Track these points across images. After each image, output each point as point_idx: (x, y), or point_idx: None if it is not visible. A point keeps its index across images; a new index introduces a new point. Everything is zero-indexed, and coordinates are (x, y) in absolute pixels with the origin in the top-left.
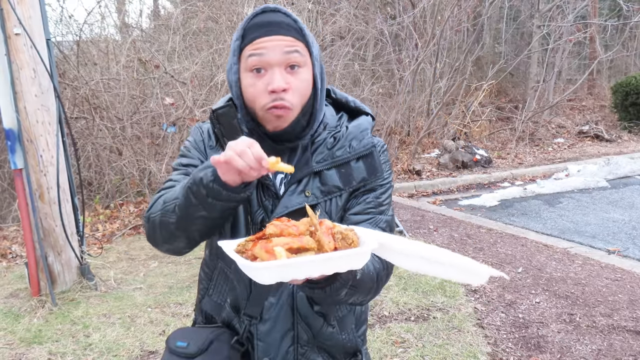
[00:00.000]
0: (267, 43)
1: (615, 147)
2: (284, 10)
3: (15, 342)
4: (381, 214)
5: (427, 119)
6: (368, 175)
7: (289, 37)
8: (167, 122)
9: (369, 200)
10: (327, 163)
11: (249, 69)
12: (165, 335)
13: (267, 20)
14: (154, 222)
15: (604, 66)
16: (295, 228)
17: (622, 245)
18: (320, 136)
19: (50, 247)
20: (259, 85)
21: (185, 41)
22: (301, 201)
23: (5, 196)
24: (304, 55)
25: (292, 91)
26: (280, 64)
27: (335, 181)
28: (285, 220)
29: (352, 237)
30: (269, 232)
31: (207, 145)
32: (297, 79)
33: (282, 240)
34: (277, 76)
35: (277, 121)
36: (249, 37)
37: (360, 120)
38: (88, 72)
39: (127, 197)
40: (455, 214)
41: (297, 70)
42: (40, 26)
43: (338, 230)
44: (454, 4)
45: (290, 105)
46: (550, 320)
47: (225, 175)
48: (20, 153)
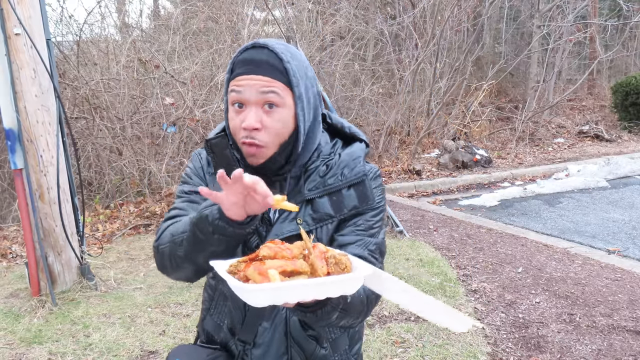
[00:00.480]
0: (245, 81)
1: (615, 147)
2: (273, 46)
3: (15, 342)
4: (371, 237)
5: (427, 119)
6: (359, 203)
7: (267, 78)
8: (167, 122)
9: (359, 223)
10: (319, 191)
11: (231, 102)
12: (166, 335)
13: (250, 57)
14: (163, 253)
15: (604, 66)
16: (289, 251)
17: (622, 245)
18: (313, 164)
19: (50, 247)
20: (236, 120)
21: (185, 41)
22: (293, 229)
23: (5, 196)
24: (282, 95)
25: (265, 130)
26: (257, 102)
27: (326, 209)
28: (279, 242)
29: (346, 262)
30: (263, 254)
31: (207, 171)
32: (272, 119)
33: (276, 263)
34: (250, 114)
35: (250, 157)
36: (234, 73)
37: (353, 148)
38: (88, 72)
39: (127, 197)
40: (455, 214)
41: (274, 109)
42: (40, 26)
43: (332, 255)
44: (454, 4)
45: (263, 144)
46: (550, 320)
47: (229, 211)
48: (20, 153)
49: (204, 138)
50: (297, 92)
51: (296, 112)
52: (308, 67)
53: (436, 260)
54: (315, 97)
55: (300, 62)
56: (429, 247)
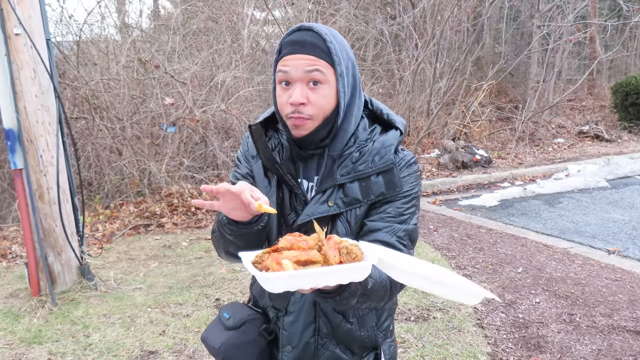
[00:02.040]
0: (291, 61)
1: (615, 147)
2: (317, 28)
3: (15, 342)
4: (401, 224)
5: (427, 119)
6: (386, 190)
7: (312, 56)
8: (167, 122)
9: (389, 210)
10: (350, 177)
11: (278, 81)
12: (166, 335)
13: (296, 39)
14: (214, 239)
15: (604, 66)
16: (304, 242)
17: (622, 245)
18: (349, 149)
19: (50, 247)
20: (284, 97)
21: (185, 41)
22: (324, 210)
23: (5, 196)
24: (325, 73)
25: (310, 105)
26: (302, 80)
27: (356, 194)
28: (297, 235)
29: (356, 252)
30: (281, 245)
31: (250, 155)
32: (316, 94)
33: (291, 253)
34: (297, 91)
35: (296, 129)
36: (282, 54)
37: (387, 136)
38: (88, 72)
39: (127, 197)
40: (455, 214)
41: (318, 86)
42: (40, 26)
43: (344, 245)
44: (454, 4)
45: (308, 117)
46: (550, 320)
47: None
48: (20, 153)
49: (204, 138)
50: (338, 70)
51: (337, 88)
52: (349, 50)
53: (436, 260)
54: (355, 78)
55: (342, 44)
56: (429, 247)
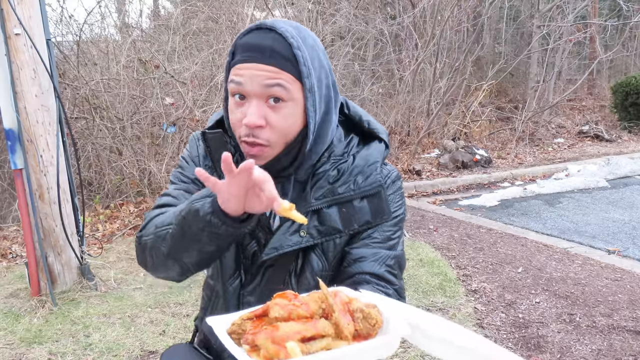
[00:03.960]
0: (246, 71)
1: (615, 147)
2: (281, 29)
3: (15, 342)
4: (389, 249)
5: (427, 119)
6: (373, 217)
7: (272, 67)
8: (167, 122)
9: (375, 235)
10: (327, 200)
11: (231, 93)
12: (166, 335)
13: (254, 42)
14: (145, 245)
15: (604, 66)
16: (305, 307)
17: (622, 245)
18: (322, 167)
19: (50, 247)
20: (237, 114)
21: (185, 41)
22: (295, 242)
23: (5, 196)
24: (289, 89)
25: (269, 128)
26: (260, 96)
27: (335, 222)
28: (291, 295)
29: (376, 317)
30: (275, 315)
31: (203, 163)
32: (277, 115)
33: (293, 328)
34: (252, 110)
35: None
36: (235, 59)
37: (370, 150)
38: (88, 72)
39: (127, 197)
40: (455, 214)
41: (280, 104)
42: (40, 26)
43: (358, 307)
44: (454, 4)
45: (266, 143)
46: (550, 320)
47: (226, 203)
48: (20, 153)
49: None
50: (307, 84)
51: (306, 106)
52: (322, 53)
53: (436, 261)
54: (330, 88)
55: (313, 47)
56: (429, 247)
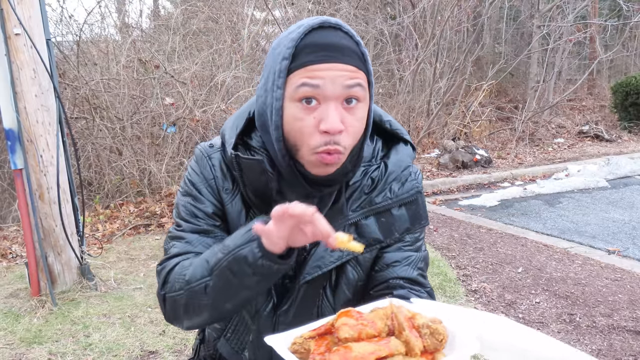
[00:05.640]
0: (325, 72)
1: (615, 147)
2: (345, 27)
3: (15, 342)
4: (418, 251)
5: (427, 119)
6: (411, 224)
7: (352, 67)
8: (167, 122)
9: (407, 239)
10: (365, 211)
11: (297, 98)
12: (166, 335)
13: (327, 41)
14: (177, 303)
15: (604, 66)
16: (372, 326)
17: (622, 245)
18: (354, 176)
19: (50, 247)
20: (309, 121)
21: (185, 41)
22: (337, 258)
23: (5, 196)
24: (365, 88)
25: (346, 132)
26: (338, 98)
27: (374, 233)
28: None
29: (442, 332)
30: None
31: (222, 187)
32: (353, 117)
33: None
34: (332, 114)
35: (324, 168)
36: (302, 60)
37: (399, 154)
38: (88, 72)
39: (127, 197)
40: (455, 214)
41: (354, 105)
42: (40, 26)
43: (424, 323)
44: (454, 4)
45: (343, 150)
46: (550, 320)
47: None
48: (20, 153)
49: (204, 138)
50: (373, 82)
51: (370, 106)
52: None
53: (436, 260)
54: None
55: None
56: (429, 247)
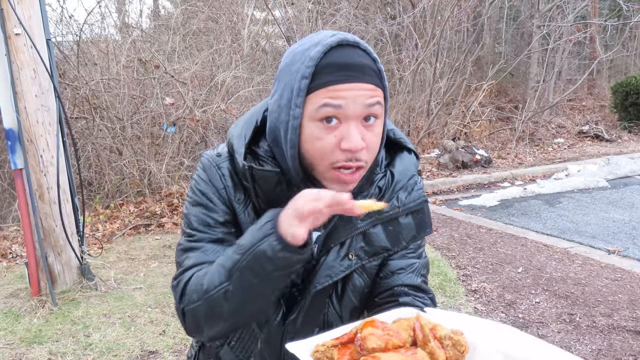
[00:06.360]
0: (347, 92)
1: (615, 147)
2: (363, 45)
3: (15, 342)
4: (419, 258)
5: (427, 119)
6: (417, 231)
7: (372, 85)
8: (167, 122)
9: (410, 246)
10: (373, 220)
11: (318, 118)
12: (166, 335)
13: (348, 61)
14: (197, 314)
15: (604, 66)
16: (397, 336)
17: (622, 245)
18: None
19: (50, 247)
20: (329, 140)
21: (185, 41)
22: (347, 266)
23: (5, 196)
24: (382, 106)
25: (367, 150)
26: (359, 117)
27: (382, 241)
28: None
29: (464, 343)
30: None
31: (234, 197)
32: (372, 134)
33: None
34: (354, 132)
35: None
36: (323, 80)
37: (405, 164)
38: (88, 72)
39: (127, 197)
40: (455, 214)
41: (373, 123)
42: (40, 26)
43: (446, 335)
44: (454, 4)
45: (365, 165)
46: (550, 320)
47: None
48: (20, 153)
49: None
50: (388, 98)
51: (384, 122)
52: None
53: (436, 260)
54: None
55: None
56: (429, 247)
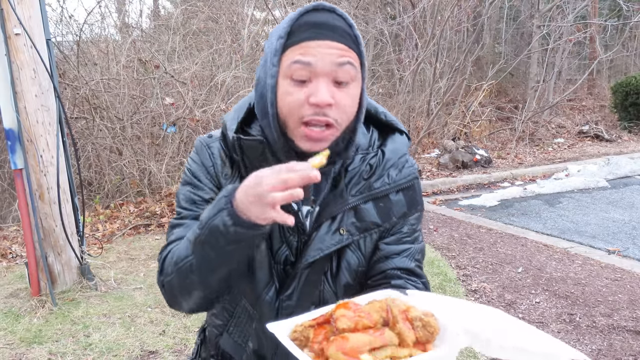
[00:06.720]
0: (317, 49)
1: (615, 147)
2: (339, 11)
3: (15, 342)
4: (414, 243)
5: (427, 119)
6: (408, 208)
7: (343, 45)
8: (167, 122)
9: (404, 230)
10: (364, 196)
11: (289, 75)
12: (166, 335)
13: (321, 20)
14: (172, 287)
15: (604, 66)
16: (368, 317)
17: (622, 245)
18: (353, 162)
19: (50, 247)
20: (299, 95)
21: (185, 41)
22: (337, 241)
23: (5, 196)
24: (356, 68)
25: (337, 108)
26: (328, 75)
27: (372, 217)
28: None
29: (434, 325)
30: (342, 326)
31: (222, 173)
32: (344, 94)
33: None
34: (322, 88)
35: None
36: (297, 38)
37: (396, 143)
38: (88, 72)
39: (127, 197)
40: (455, 214)
41: (345, 85)
42: (40, 26)
43: (416, 316)
44: (454, 4)
45: (334, 122)
46: (550, 320)
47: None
48: (20, 153)
49: None
50: (365, 65)
51: (362, 88)
52: None
53: (436, 260)
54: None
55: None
56: (429, 247)
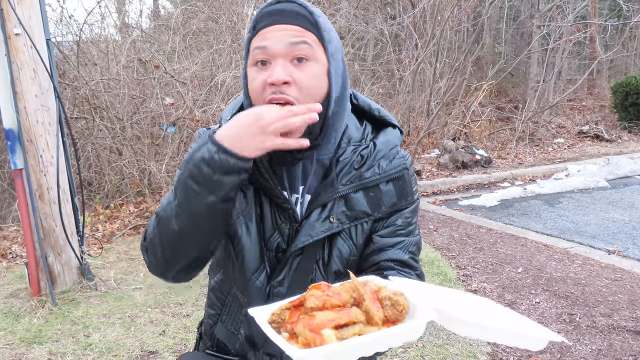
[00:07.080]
0: (271, 33)
1: (615, 147)
2: (301, 1)
3: (15, 342)
4: (409, 235)
5: (427, 119)
6: (398, 199)
7: (297, 27)
8: (167, 122)
9: (398, 222)
10: (355, 185)
11: (253, 62)
12: (166, 335)
13: (278, 8)
14: (154, 244)
15: (604, 66)
16: (338, 297)
17: (622, 245)
18: (345, 153)
19: (50, 247)
20: (260, 79)
21: (185, 41)
22: (327, 228)
23: (5, 196)
24: (314, 47)
25: (295, 86)
26: (285, 55)
27: (362, 206)
28: (325, 286)
29: (403, 303)
30: (311, 305)
31: None
32: (303, 73)
33: (327, 316)
34: (277, 67)
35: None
36: (257, 28)
37: (388, 136)
38: (88, 72)
39: (127, 197)
40: (455, 214)
41: (305, 63)
42: (40, 26)
43: (386, 295)
44: (454, 4)
45: (294, 100)
46: (550, 320)
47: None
48: (20, 153)
49: None
50: (329, 48)
51: (329, 70)
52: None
53: (436, 260)
54: (344, 68)
55: (332, 27)
56: (429, 247)
